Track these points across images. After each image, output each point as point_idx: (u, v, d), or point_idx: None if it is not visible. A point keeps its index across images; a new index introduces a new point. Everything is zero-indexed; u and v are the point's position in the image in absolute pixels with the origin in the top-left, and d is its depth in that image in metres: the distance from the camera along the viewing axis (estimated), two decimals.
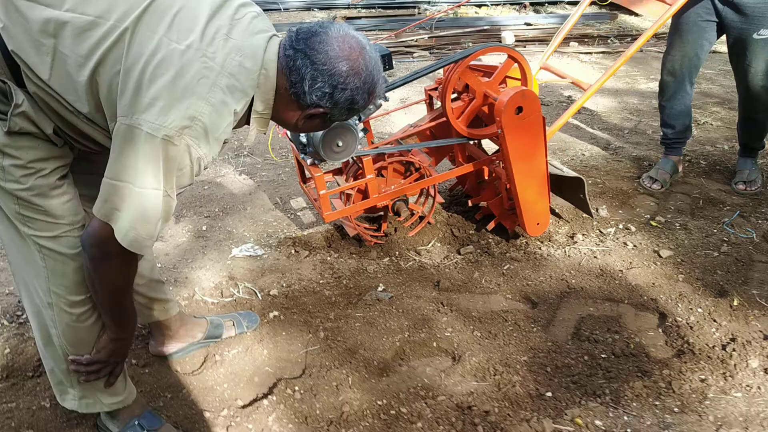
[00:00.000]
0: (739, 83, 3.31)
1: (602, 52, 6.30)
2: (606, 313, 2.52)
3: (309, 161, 2.56)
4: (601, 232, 3.09)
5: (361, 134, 2.51)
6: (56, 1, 1.42)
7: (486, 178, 3.04)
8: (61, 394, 1.86)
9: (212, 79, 1.43)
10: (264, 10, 6.89)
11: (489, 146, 3.10)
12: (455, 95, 2.77)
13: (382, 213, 2.98)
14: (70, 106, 1.50)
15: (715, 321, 2.44)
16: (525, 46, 6.38)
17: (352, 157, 2.56)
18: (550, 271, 2.78)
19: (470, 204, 3.11)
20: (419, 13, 7.76)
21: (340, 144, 2.43)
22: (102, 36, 1.42)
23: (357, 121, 2.49)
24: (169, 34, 1.42)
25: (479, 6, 8.19)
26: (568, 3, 8.42)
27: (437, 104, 2.85)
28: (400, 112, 4.25)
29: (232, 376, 2.18)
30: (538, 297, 2.62)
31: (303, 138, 2.48)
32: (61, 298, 1.68)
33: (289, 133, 2.58)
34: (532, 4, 8.27)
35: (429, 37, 6.55)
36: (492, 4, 8.20)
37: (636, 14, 7.69)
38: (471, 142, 2.84)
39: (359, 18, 7.36)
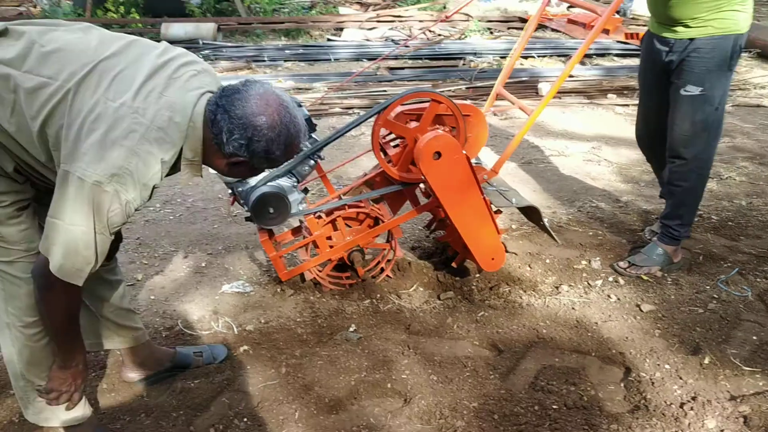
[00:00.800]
0: (667, 144, 3.05)
1: None
2: (569, 364, 2.51)
3: (256, 226, 2.72)
4: (588, 284, 3.08)
5: (300, 195, 2.65)
6: (17, 62, 1.64)
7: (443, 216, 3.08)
8: (23, 407, 2.05)
9: (141, 133, 1.61)
10: (315, 61, 7.17)
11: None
12: (398, 141, 2.87)
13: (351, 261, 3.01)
14: (28, 153, 1.71)
15: (680, 378, 2.41)
16: (561, 98, 6.40)
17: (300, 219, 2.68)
18: (524, 320, 2.79)
19: (433, 238, 3.28)
20: (464, 65, 7.90)
21: (273, 211, 2.59)
22: (50, 95, 1.62)
23: (294, 184, 2.63)
24: (106, 94, 1.62)
25: (525, 58, 8.28)
26: (617, 55, 8.40)
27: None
28: None
29: (190, 404, 2.30)
30: (505, 345, 2.64)
31: (244, 206, 2.65)
32: (17, 318, 1.88)
33: (236, 200, 2.72)
34: None
35: (466, 88, 6.66)
36: (539, 56, 8.27)
37: None
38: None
39: (402, 69, 7.57)
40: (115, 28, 9.35)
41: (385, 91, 6.58)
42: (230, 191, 2.73)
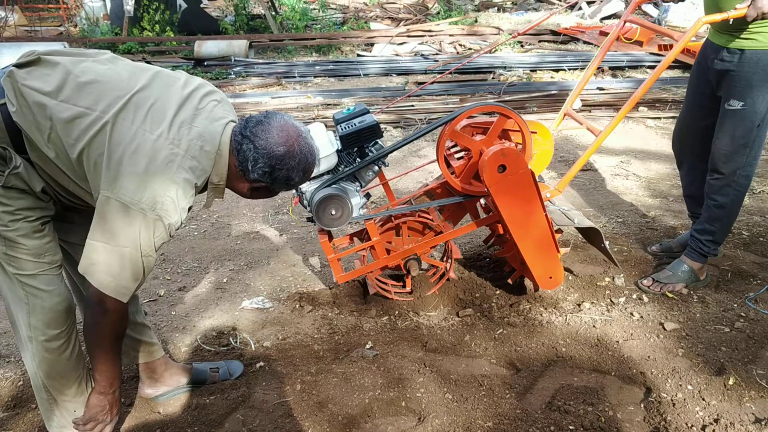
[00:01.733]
0: (709, 158, 2.99)
1: (672, 117, 6.14)
2: (588, 384, 2.46)
3: (317, 227, 2.73)
4: (612, 301, 3.02)
5: (363, 200, 2.65)
6: (54, 92, 1.76)
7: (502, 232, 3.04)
8: (47, 420, 2.12)
9: (178, 162, 1.75)
10: (344, 76, 7.28)
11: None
12: (462, 153, 2.85)
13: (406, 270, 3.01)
14: (66, 174, 1.82)
15: (703, 399, 2.34)
16: (590, 111, 6.33)
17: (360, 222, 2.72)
18: (543, 338, 2.75)
19: (494, 256, 3.22)
20: (493, 78, 7.88)
21: (334, 212, 2.60)
22: (88, 124, 1.74)
23: (357, 188, 2.64)
24: (143, 126, 1.75)
25: (556, 71, 8.22)
26: (650, 67, 8.28)
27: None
28: None
29: (205, 421, 2.31)
30: (523, 363, 2.60)
31: (307, 207, 2.66)
32: (39, 331, 1.95)
33: (299, 201, 2.74)
34: (611, 68, 8.20)
35: (495, 102, 6.63)
36: (570, 69, 8.20)
37: None
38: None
39: (431, 83, 7.57)
40: (151, 45, 9.58)
41: (412, 106, 6.59)
42: (294, 191, 2.74)
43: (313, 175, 2.10)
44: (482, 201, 3.01)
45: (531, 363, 2.60)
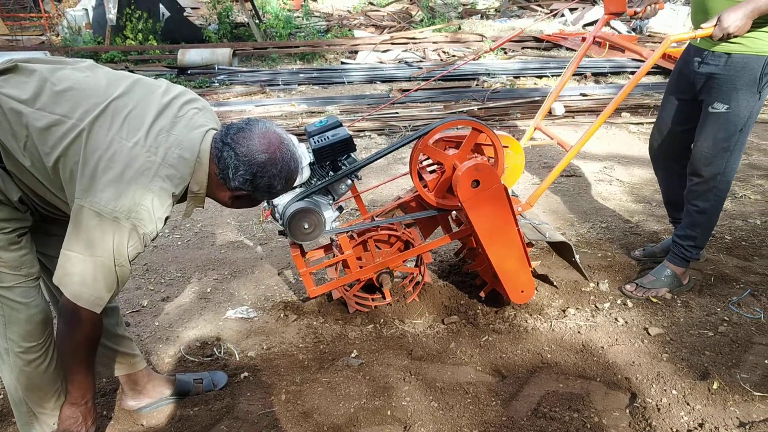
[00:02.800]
0: (689, 162, 3.01)
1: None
2: (574, 390, 2.46)
3: (289, 241, 2.72)
4: (596, 306, 3.03)
5: (335, 213, 2.64)
6: (30, 100, 1.72)
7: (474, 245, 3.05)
8: None
9: (154, 171, 1.71)
10: (328, 84, 7.24)
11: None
12: (435, 166, 2.85)
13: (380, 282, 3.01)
14: (43, 184, 1.78)
15: (688, 404, 2.35)
16: (574, 117, 6.37)
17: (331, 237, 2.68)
18: (529, 345, 2.75)
19: (465, 269, 3.18)
20: (477, 85, 7.91)
21: (307, 226, 2.57)
22: (64, 132, 1.70)
23: (330, 202, 2.63)
24: (120, 133, 1.71)
25: (539, 77, 8.27)
26: (632, 73, 8.35)
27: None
28: None
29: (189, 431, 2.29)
30: (509, 370, 2.60)
31: (279, 220, 2.64)
32: (15, 344, 1.92)
33: (271, 214, 2.73)
34: (593, 74, 8.26)
35: (479, 108, 6.66)
36: (552, 75, 8.24)
37: None
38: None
39: (415, 90, 7.59)
40: (134, 54, 9.53)
41: (397, 113, 6.59)
42: (266, 205, 2.73)
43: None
44: (453, 213, 3.01)
45: (516, 370, 2.60)
